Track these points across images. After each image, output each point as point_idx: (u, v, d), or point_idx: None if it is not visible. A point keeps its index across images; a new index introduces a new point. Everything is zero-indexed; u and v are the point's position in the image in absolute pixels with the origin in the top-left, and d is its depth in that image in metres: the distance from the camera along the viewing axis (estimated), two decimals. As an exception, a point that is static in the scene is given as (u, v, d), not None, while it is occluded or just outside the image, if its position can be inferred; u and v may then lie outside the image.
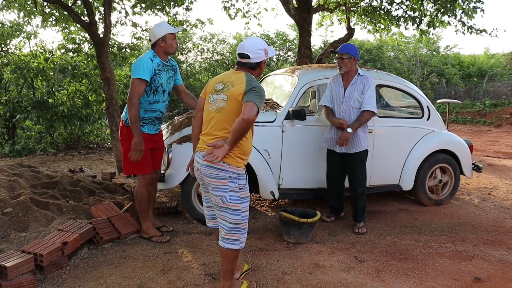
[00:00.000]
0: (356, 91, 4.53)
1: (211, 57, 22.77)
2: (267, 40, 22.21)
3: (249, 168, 4.62)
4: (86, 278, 3.49)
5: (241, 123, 2.88)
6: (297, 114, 4.75)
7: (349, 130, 4.45)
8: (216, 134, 3.07)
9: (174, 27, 4.31)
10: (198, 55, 22.86)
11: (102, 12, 7.70)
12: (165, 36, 4.10)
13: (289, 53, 22.84)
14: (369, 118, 4.58)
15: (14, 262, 3.24)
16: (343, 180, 4.87)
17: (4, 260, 3.27)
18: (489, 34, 8.58)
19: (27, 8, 8.14)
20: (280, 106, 5.05)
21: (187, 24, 8.84)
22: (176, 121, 5.38)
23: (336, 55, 4.63)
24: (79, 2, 7.74)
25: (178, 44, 4.33)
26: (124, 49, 9.11)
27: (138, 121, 4.01)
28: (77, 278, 3.49)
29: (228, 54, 22.45)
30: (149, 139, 4.27)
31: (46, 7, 7.98)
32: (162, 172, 4.64)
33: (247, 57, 3.09)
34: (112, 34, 8.19)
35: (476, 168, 5.91)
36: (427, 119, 5.52)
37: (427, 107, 5.52)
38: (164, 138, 5.05)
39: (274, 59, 22.54)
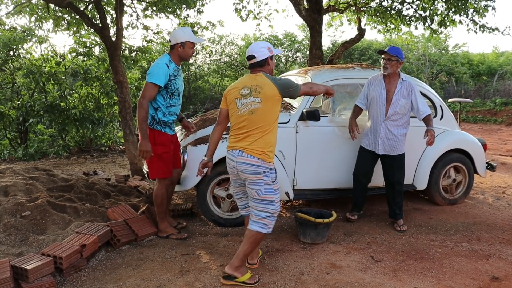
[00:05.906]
0: (402, 97, 4.63)
1: (219, 59, 22.77)
2: (275, 41, 22.17)
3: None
4: (105, 280, 3.52)
5: (311, 90, 3.66)
6: (311, 115, 4.75)
7: (433, 129, 4.63)
8: (247, 134, 3.35)
9: (197, 37, 4.36)
10: (206, 57, 22.87)
11: (114, 16, 7.74)
12: (185, 43, 4.15)
13: (298, 54, 22.81)
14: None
15: (34, 264, 3.28)
16: (370, 178, 4.96)
17: (25, 262, 3.31)
18: (502, 32, 8.53)
19: (39, 13, 8.21)
20: (294, 107, 5.05)
21: (198, 26, 8.86)
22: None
23: (383, 55, 4.71)
24: (90, 6, 7.80)
25: (194, 53, 4.38)
26: (136, 52, 9.15)
27: (146, 122, 4.07)
28: (96, 280, 3.52)
29: (236, 56, 22.43)
30: (171, 140, 4.34)
31: (58, 11, 8.04)
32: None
33: (253, 57, 3.42)
34: (123, 37, 8.23)
35: (490, 167, 5.88)
36: (440, 119, 5.51)
37: (440, 106, 5.51)
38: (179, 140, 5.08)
39: (283, 60, 22.54)
